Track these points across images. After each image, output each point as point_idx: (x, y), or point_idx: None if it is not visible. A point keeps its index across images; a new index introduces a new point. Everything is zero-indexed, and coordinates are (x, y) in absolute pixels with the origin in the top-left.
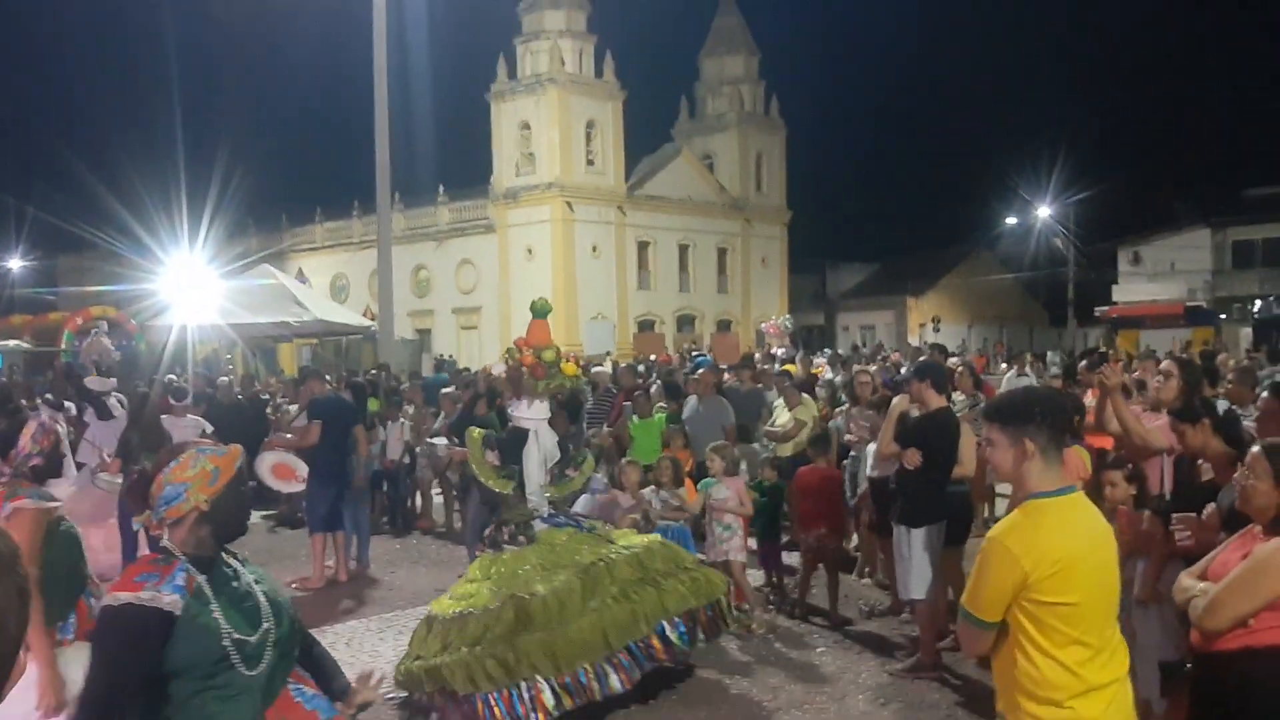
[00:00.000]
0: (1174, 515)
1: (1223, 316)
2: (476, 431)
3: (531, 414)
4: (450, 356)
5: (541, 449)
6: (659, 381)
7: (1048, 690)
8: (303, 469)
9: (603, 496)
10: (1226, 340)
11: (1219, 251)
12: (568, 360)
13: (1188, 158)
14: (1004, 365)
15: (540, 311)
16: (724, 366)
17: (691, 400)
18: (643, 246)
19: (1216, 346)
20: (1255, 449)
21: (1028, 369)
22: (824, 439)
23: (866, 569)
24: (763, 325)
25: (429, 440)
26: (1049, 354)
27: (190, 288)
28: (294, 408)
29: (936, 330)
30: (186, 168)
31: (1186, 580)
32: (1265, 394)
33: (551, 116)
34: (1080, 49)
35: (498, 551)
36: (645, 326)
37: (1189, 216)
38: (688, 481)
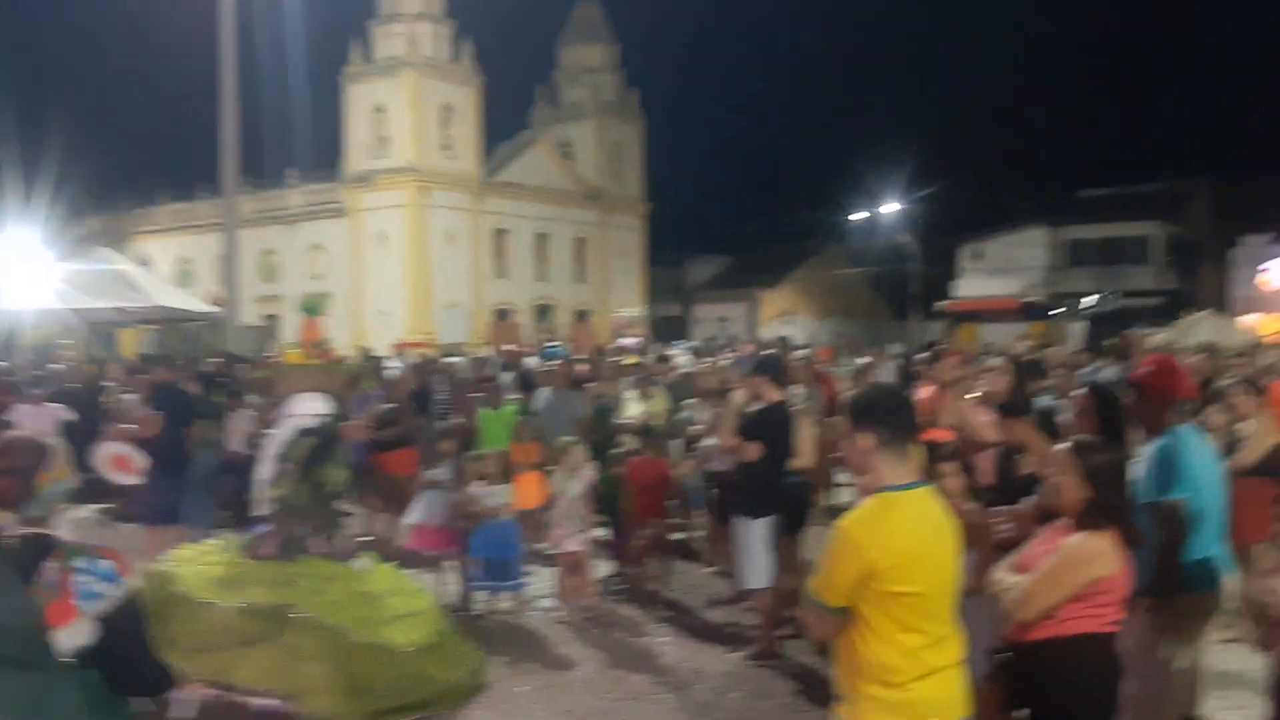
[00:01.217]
0: (993, 508)
1: (1058, 311)
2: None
3: (305, 410)
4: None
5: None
6: (512, 372)
7: (887, 674)
8: (141, 461)
9: (452, 494)
10: (1061, 335)
11: (1055, 249)
12: (324, 355)
13: (1027, 159)
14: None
15: (311, 309)
16: (578, 358)
17: (544, 392)
18: (500, 234)
19: (1052, 340)
20: (1064, 446)
21: (887, 363)
22: (650, 431)
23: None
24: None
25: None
26: (891, 347)
27: (21, 269)
28: (133, 396)
29: (789, 323)
30: (22, 145)
31: (1000, 573)
32: (1082, 391)
33: (407, 100)
34: (927, 53)
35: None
36: (502, 316)
37: (1027, 215)
38: (532, 475)
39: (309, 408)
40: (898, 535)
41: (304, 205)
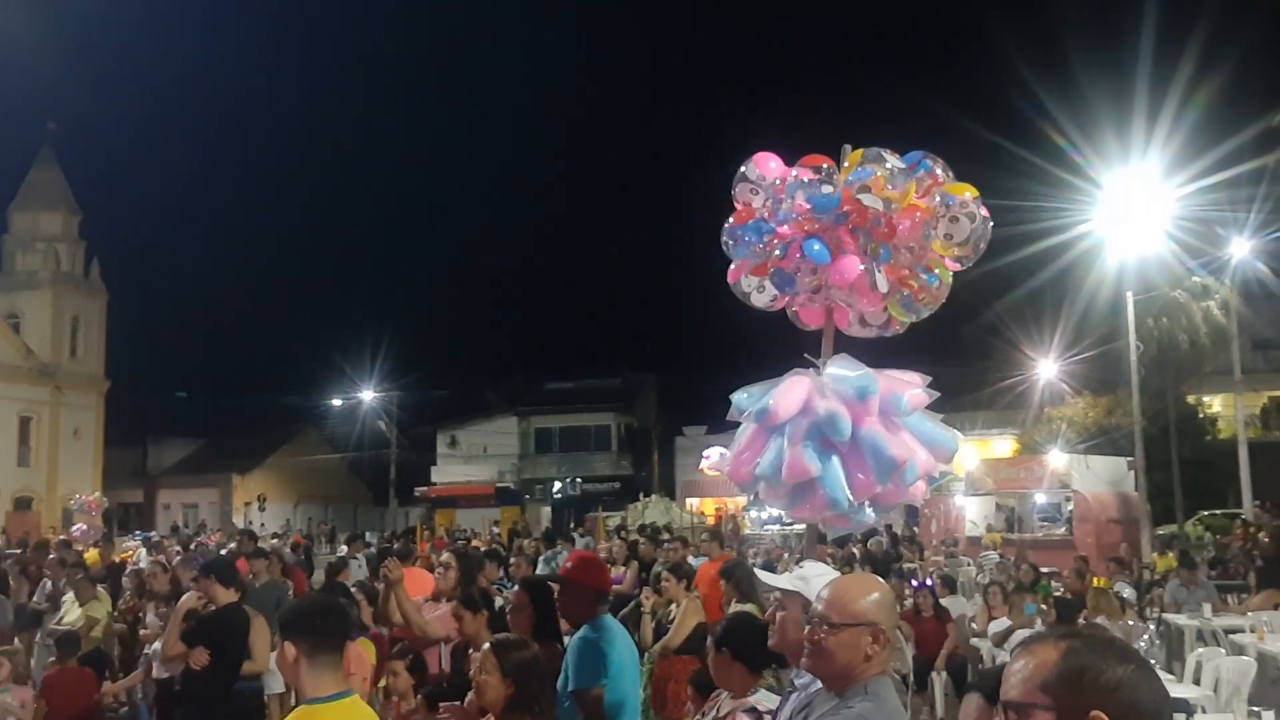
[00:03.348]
0: (441, 704)
1: (527, 496)
2: None
3: None
4: None
5: None
6: None
7: None
8: None
9: None
10: (531, 519)
11: (524, 437)
12: None
13: (500, 352)
14: (333, 545)
15: None
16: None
17: None
18: None
19: (522, 525)
20: (485, 644)
21: (360, 553)
22: (70, 640)
23: None
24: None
25: None
26: (367, 534)
27: None
28: None
29: (262, 509)
30: None
31: None
32: (515, 587)
33: None
34: (407, 246)
35: None
36: None
37: (499, 405)
38: None
39: None
40: None
41: None
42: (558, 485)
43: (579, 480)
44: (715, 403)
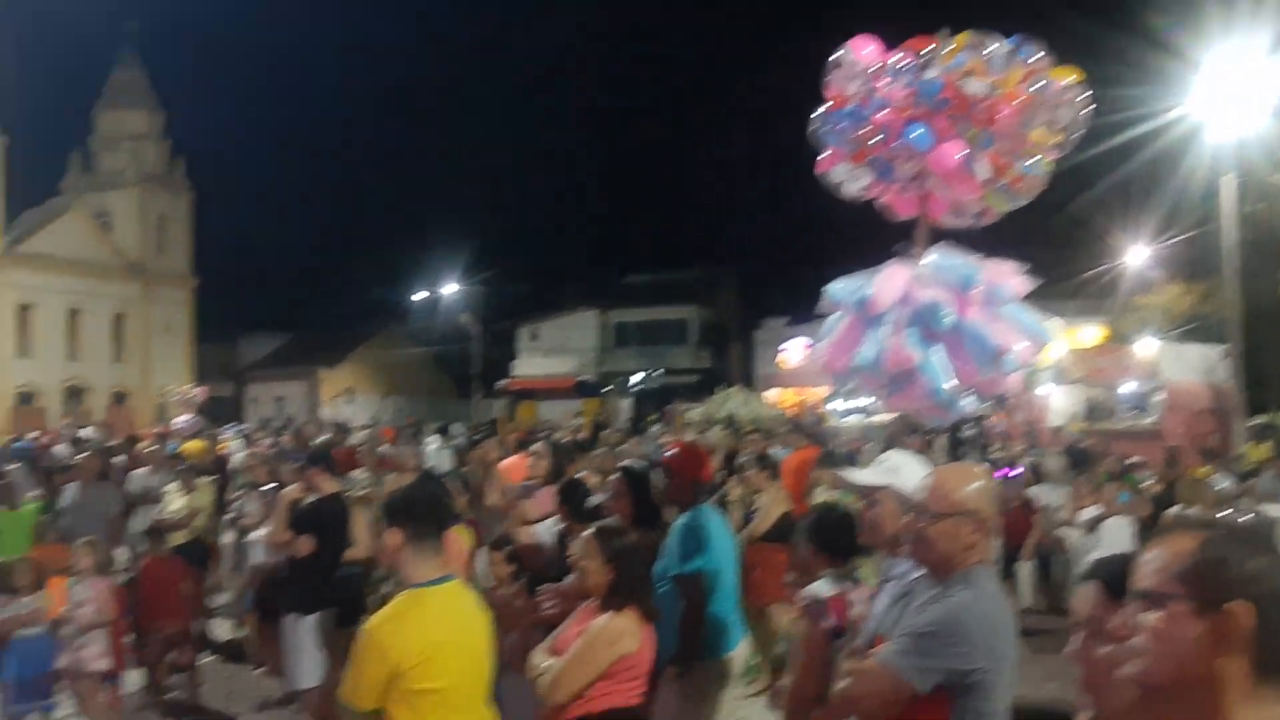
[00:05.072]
0: (540, 586)
1: (608, 389)
2: None
3: None
4: None
5: None
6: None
7: None
8: None
9: None
10: (611, 411)
11: (604, 331)
12: None
13: (578, 246)
14: (430, 439)
15: None
16: (114, 445)
17: (72, 487)
18: (24, 310)
19: (604, 416)
20: (587, 531)
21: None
22: (159, 530)
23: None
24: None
25: None
26: (452, 426)
27: None
28: None
29: (350, 402)
30: None
31: (536, 656)
32: (616, 475)
33: None
34: (487, 140)
35: None
36: (25, 400)
37: (579, 299)
38: (59, 581)
39: None
40: (421, 633)
41: None
42: (637, 378)
43: (658, 373)
44: (795, 295)
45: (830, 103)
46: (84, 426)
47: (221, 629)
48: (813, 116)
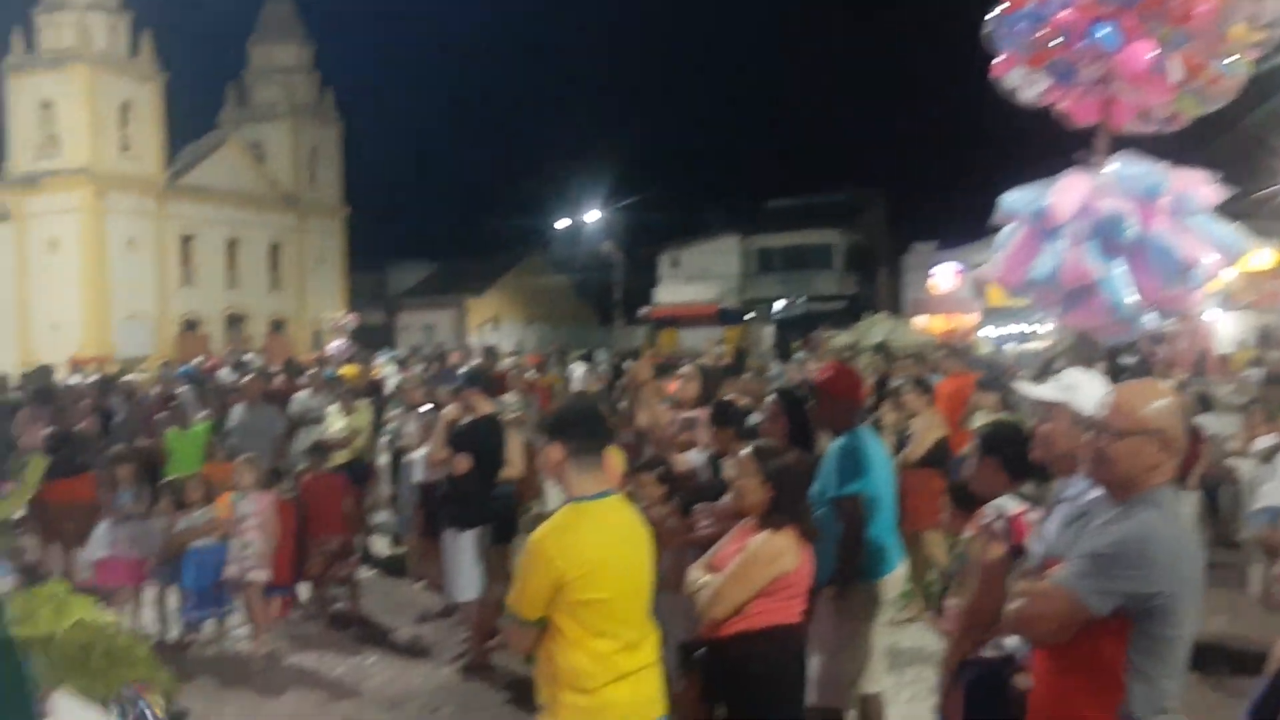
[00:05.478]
0: (695, 506)
1: (750, 316)
2: None
3: None
4: None
5: None
6: (201, 387)
7: (581, 680)
8: None
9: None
10: (754, 338)
11: (746, 257)
12: None
13: (719, 171)
14: (574, 365)
15: None
16: (274, 370)
17: (238, 408)
18: (187, 240)
19: (747, 344)
20: (745, 450)
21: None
22: (320, 448)
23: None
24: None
25: None
26: (596, 353)
27: None
28: None
29: (496, 329)
30: None
31: (694, 572)
32: (772, 397)
33: (78, 96)
34: (627, 67)
35: None
36: (190, 327)
37: (721, 225)
38: (228, 496)
39: None
40: (585, 545)
41: None
42: (780, 304)
43: (802, 299)
44: (946, 218)
45: (1007, 4)
46: (245, 352)
47: (380, 545)
48: (987, 19)
